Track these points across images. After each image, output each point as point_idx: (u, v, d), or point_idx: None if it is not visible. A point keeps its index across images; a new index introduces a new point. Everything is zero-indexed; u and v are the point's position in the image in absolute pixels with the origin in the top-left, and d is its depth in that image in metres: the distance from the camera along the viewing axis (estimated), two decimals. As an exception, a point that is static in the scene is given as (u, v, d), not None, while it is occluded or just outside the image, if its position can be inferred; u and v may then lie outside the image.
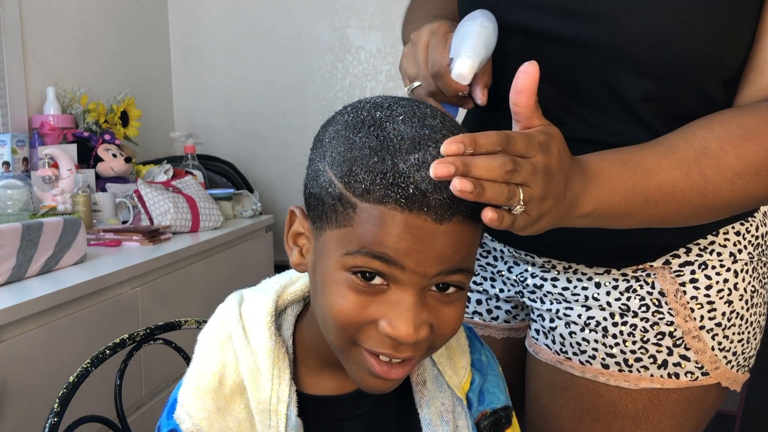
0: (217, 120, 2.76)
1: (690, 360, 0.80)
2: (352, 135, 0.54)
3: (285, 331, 0.64)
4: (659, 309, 0.79)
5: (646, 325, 0.80)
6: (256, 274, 2.20)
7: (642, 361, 0.80)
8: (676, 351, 0.80)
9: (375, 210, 0.51)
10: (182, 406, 0.61)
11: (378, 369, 0.56)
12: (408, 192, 0.51)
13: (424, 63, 0.74)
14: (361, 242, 0.52)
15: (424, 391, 0.66)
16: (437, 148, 0.52)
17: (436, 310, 0.55)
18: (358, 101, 0.59)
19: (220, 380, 0.61)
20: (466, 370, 0.69)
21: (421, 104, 0.57)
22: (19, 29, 1.96)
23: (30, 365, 1.19)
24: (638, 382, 0.81)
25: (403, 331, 0.53)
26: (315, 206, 0.56)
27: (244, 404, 0.61)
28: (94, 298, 1.37)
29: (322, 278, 0.56)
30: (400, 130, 0.53)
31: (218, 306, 0.66)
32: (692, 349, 0.79)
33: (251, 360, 0.61)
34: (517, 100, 0.56)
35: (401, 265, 0.52)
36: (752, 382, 1.69)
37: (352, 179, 0.52)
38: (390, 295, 0.54)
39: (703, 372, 0.80)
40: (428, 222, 0.51)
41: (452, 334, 0.58)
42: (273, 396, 0.60)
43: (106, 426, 0.85)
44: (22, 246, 1.28)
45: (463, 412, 0.67)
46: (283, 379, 0.61)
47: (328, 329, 0.57)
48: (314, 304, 0.60)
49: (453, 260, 0.53)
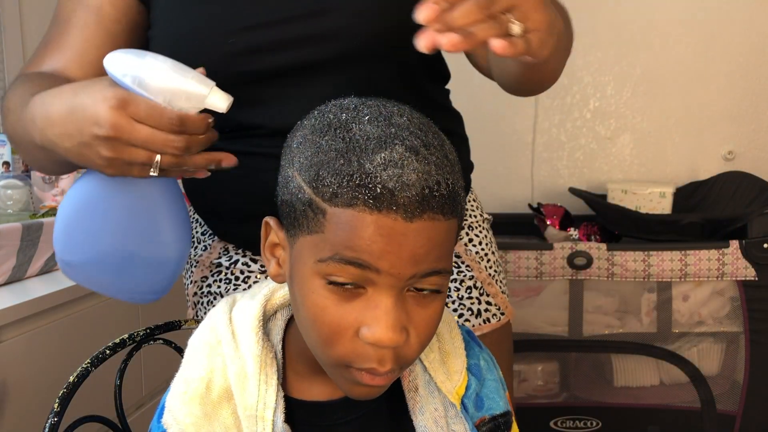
0: (217, 120, 2.76)
1: (492, 304, 0.93)
2: (318, 138, 0.54)
3: (274, 336, 0.63)
4: (460, 269, 0.91)
5: (457, 284, 0.91)
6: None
7: (464, 315, 0.90)
8: (482, 299, 0.92)
9: (344, 214, 0.51)
10: (169, 411, 0.60)
11: (366, 379, 0.55)
12: (375, 192, 0.50)
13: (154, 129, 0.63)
14: (333, 248, 0.52)
15: (417, 398, 0.65)
16: (404, 146, 0.52)
17: (413, 313, 0.55)
18: (324, 104, 0.58)
19: (207, 386, 0.60)
20: (461, 374, 0.68)
21: (388, 103, 0.57)
22: (19, 29, 1.96)
23: (30, 365, 1.19)
24: None
25: (383, 336, 0.52)
26: (287, 214, 0.56)
27: (232, 410, 0.60)
28: (93, 298, 1.37)
29: (300, 288, 0.56)
30: (366, 131, 0.53)
31: (210, 310, 0.66)
32: (491, 295, 0.93)
33: (239, 365, 0.60)
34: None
35: (376, 268, 0.51)
36: (752, 382, 1.69)
37: (320, 183, 0.52)
38: (368, 299, 0.53)
39: (501, 312, 0.94)
40: (398, 221, 0.50)
41: (428, 339, 0.57)
42: (260, 402, 0.59)
43: (106, 426, 0.85)
44: (22, 246, 1.27)
45: (458, 417, 0.66)
46: (270, 384, 0.60)
47: (315, 344, 0.56)
48: (297, 318, 0.59)
49: (427, 260, 0.52)
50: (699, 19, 2.16)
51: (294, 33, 0.77)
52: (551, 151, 2.30)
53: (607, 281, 1.70)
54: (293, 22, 0.77)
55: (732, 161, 2.20)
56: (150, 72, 0.63)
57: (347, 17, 0.77)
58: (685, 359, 1.71)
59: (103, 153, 0.63)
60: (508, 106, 2.24)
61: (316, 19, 0.77)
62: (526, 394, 1.81)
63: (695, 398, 1.73)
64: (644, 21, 2.16)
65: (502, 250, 1.68)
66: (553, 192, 2.28)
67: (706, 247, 1.64)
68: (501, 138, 2.29)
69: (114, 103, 0.61)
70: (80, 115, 0.64)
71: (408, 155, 0.51)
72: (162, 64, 0.63)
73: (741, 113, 2.20)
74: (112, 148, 0.63)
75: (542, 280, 1.71)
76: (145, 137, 0.62)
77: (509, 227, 2.01)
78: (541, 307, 1.78)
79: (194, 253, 0.96)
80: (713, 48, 2.18)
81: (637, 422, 1.78)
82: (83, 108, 0.64)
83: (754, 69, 2.17)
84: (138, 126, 0.62)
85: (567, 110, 2.28)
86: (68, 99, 0.66)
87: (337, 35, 0.77)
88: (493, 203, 2.15)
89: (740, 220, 1.68)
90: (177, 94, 0.63)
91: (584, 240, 1.85)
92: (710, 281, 1.68)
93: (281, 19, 0.77)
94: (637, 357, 1.76)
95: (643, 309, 1.75)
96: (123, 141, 0.62)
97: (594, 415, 1.78)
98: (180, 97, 0.63)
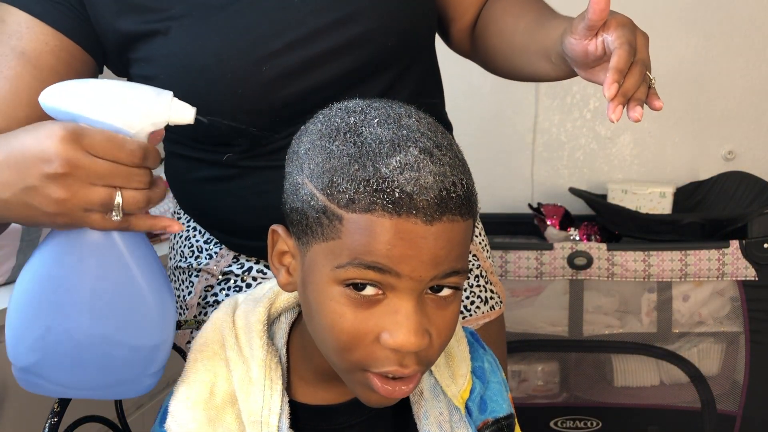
0: (216, 120, 2.76)
1: (495, 293, 0.96)
2: (328, 144, 0.53)
3: (278, 340, 0.63)
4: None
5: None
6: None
7: (475, 303, 0.92)
8: (488, 287, 0.95)
9: (362, 219, 0.50)
10: (172, 416, 0.59)
11: (382, 391, 0.54)
12: (394, 196, 0.49)
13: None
14: (351, 254, 0.51)
15: (422, 402, 0.65)
16: (417, 148, 0.51)
17: (433, 315, 0.54)
18: (328, 108, 0.58)
19: (211, 390, 0.60)
20: (466, 378, 0.68)
21: (395, 104, 0.56)
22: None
23: (30, 365, 1.19)
24: (478, 321, 0.92)
25: (405, 340, 0.51)
26: (298, 221, 0.55)
27: (236, 415, 0.60)
28: (94, 298, 1.37)
29: (315, 296, 0.54)
30: (378, 134, 0.52)
31: (213, 312, 0.65)
32: (492, 283, 0.96)
33: (243, 370, 0.60)
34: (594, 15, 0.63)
35: (396, 272, 0.51)
36: (752, 382, 1.69)
37: (335, 190, 0.51)
38: (387, 304, 0.52)
39: (500, 301, 0.97)
40: (418, 225, 0.50)
41: (448, 339, 0.56)
42: (264, 407, 0.59)
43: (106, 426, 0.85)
44: (22, 246, 1.28)
45: (462, 421, 0.65)
46: (275, 390, 0.59)
47: (331, 351, 0.55)
48: (310, 325, 0.58)
49: (447, 261, 0.52)
50: (699, 18, 2.16)
51: (325, 46, 0.74)
52: (551, 151, 2.30)
53: (606, 281, 1.70)
54: (322, 35, 0.74)
55: (732, 161, 2.20)
56: (100, 94, 0.54)
57: (376, 19, 0.75)
58: (686, 359, 1.71)
59: (54, 195, 0.52)
60: (508, 105, 2.24)
61: (345, 28, 0.74)
62: (525, 394, 1.81)
63: (695, 398, 1.73)
64: (645, 21, 2.16)
65: (502, 250, 1.68)
66: (553, 192, 2.27)
67: (706, 247, 1.64)
68: (501, 138, 2.28)
69: (64, 135, 0.51)
70: (20, 158, 0.53)
71: (423, 157, 0.51)
72: (111, 84, 0.54)
73: (741, 113, 2.20)
74: (66, 187, 0.52)
75: (542, 280, 1.71)
76: (105, 170, 0.52)
77: (509, 227, 2.01)
78: (541, 308, 1.78)
79: (195, 263, 0.91)
80: (713, 48, 2.18)
81: (637, 422, 1.78)
82: (24, 149, 0.53)
83: (754, 69, 2.17)
84: (95, 159, 0.52)
85: (567, 110, 2.28)
86: (1, 146, 0.55)
87: (369, 40, 0.75)
88: (493, 203, 2.15)
89: (740, 220, 1.68)
90: (136, 114, 0.54)
91: (584, 240, 1.85)
92: (710, 281, 1.68)
93: (308, 35, 0.73)
94: (637, 357, 1.76)
95: (643, 309, 1.75)
96: (78, 177, 0.52)
97: (594, 415, 1.78)
98: (140, 117, 0.54)
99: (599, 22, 0.64)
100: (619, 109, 0.63)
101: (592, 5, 0.63)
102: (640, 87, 0.64)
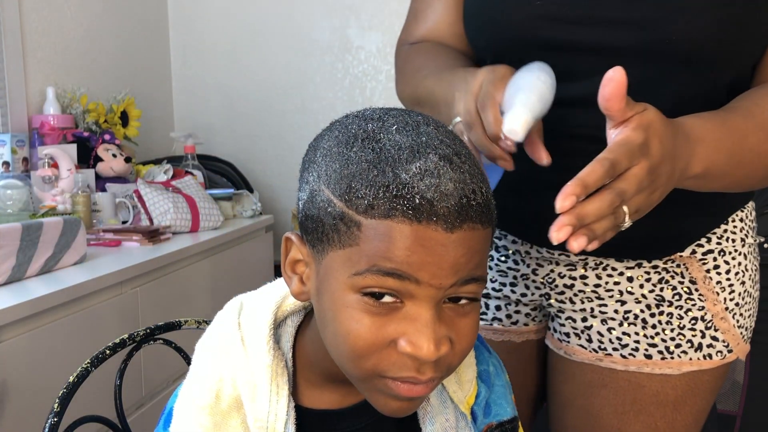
0: (217, 120, 2.76)
1: (719, 340, 0.87)
2: (345, 150, 0.52)
3: (284, 344, 0.62)
4: (690, 296, 0.86)
5: (681, 312, 0.86)
6: (256, 274, 2.20)
7: (681, 346, 0.86)
8: (708, 333, 0.86)
9: (382, 225, 0.49)
10: (177, 420, 0.59)
11: (403, 390, 0.53)
12: (414, 203, 0.49)
13: (473, 109, 0.68)
14: (370, 260, 0.50)
15: (428, 408, 0.64)
16: (437, 155, 0.50)
17: (452, 323, 0.53)
18: (344, 116, 0.57)
19: (216, 395, 0.59)
20: (472, 383, 0.67)
21: (412, 112, 0.56)
22: (19, 29, 1.96)
23: (30, 365, 1.19)
24: (680, 367, 0.86)
25: (424, 348, 0.50)
26: (314, 229, 0.54)
27: (241, 420, 0.59)
28: (93, 299, 1.37)
29: (331, 304, 0.53)
30: (396, 140, 0.51)
31: (217, 313, 0.64)
32: (720, 330, 0.87)
33: (249, 375, 0.59)
34: (608, 107, 0.57)
35: (416, 279, 0.50)
36: (752, 382, 1.69)
37: (353, 196, 0.50)
38: (406, 312, 0.51)
39: (729, 350, 0.88)
40: (439, 232, 0.49)
41: (470, 347, 0.55)
42: (270, 413, 0.58)
43: (106, 426, 0.85)
44: (21, 246, 1.27)
45: (467, 428, 0.65)
46: (281, 395, 0.59)
47: (345, 359, 0.54)
48: (324, 333, 0.56)
49: (466, 269, 0.51)
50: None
51: (603, 12, 0.72)
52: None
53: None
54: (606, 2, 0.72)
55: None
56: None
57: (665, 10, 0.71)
58: (685, 359, 1.71)
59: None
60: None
61: (631, 4, 0.71)
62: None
63: (695, 398, 1.73)
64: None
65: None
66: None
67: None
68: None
69: None
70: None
71: (442, 164, 0.50)
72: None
73: (741, 113, 2.20)
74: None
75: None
76: None
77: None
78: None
79: None
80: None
81: (637, 422, 1.78)
82: None
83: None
84: None
85: (567, 110, 2.27)
86: None
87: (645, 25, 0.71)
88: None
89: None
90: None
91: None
92: (710, 281, 1.68)
93: None
94: (637, 357, 1.76)
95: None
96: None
97: (594, 415, 1.78)
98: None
99: (614, 113, 0.57)
100: (566, 230, 0.52)
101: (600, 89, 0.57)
102: (603, 220, 0.54)
